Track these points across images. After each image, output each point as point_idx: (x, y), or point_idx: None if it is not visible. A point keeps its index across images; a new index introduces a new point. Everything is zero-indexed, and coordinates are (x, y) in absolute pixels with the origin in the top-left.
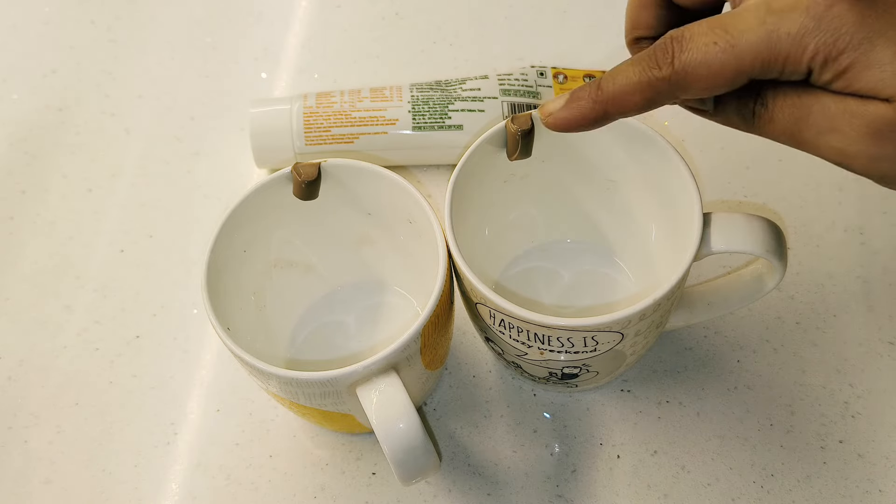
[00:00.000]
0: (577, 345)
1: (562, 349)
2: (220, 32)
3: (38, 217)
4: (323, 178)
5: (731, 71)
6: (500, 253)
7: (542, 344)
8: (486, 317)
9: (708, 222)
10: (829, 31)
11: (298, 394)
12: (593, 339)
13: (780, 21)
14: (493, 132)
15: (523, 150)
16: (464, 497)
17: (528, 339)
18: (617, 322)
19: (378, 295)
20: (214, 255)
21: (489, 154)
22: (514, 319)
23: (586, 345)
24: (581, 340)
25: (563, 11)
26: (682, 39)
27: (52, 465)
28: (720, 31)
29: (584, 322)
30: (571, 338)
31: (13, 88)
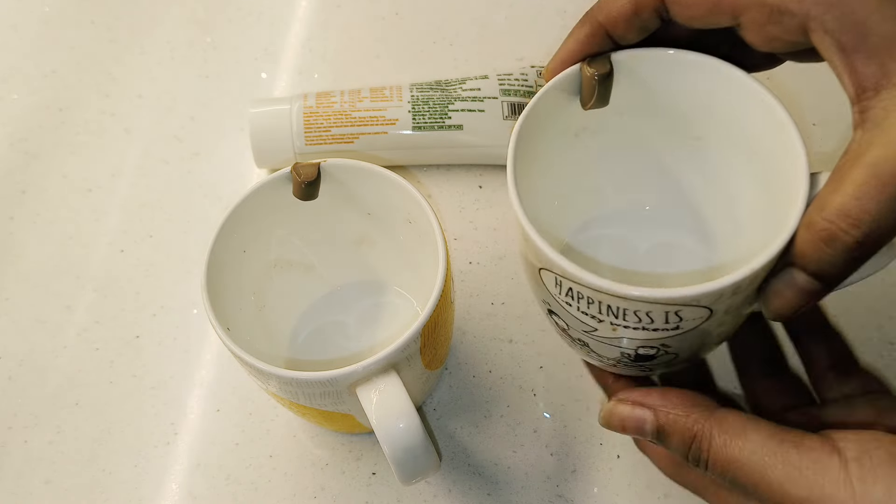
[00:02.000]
0: (656, 321)
1: (639, 325)
2: (220, 32)
3: (38, 217)
4: (323, 178)
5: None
6: (567, 216)
7: (616, 318)
8: (551, 285)
9: (815, 184)
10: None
11: (298, 394)
12: (676, 314)
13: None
14: (565, 76)
15: (600, 98)
16: (464, 497)
17: (599, 311)
18: (707, 295)
19: (378, 295)
20: (214, 255)
21: (559, 102)
22: (584, 288)
23: (668, 321)
24: (662, 315)
25: (563, 11)
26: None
27: (52, 465)
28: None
29: (667, 294)
30: (651, 312)
31: (13, 88)
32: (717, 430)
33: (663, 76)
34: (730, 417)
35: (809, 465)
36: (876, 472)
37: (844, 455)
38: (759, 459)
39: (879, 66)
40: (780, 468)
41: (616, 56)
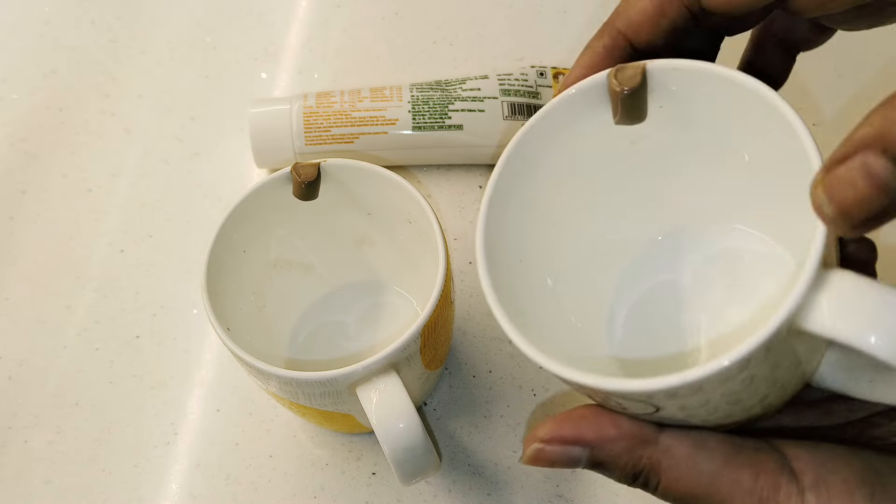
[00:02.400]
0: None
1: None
2: (220, 32)
3: (38, 217)
4: (323, 179)
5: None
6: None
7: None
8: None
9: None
10: None
11: (298, 394)
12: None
13: None
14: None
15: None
16: (464, 497)
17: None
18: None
19: (378, 295)
20: (214, 255)
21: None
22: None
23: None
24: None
25: (563, 11)
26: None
27: (52, 465)
28: None
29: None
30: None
31: (13, 88)
32: (666, 464)
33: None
34: (676, 447)
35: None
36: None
37: (801, 483)
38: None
39: None
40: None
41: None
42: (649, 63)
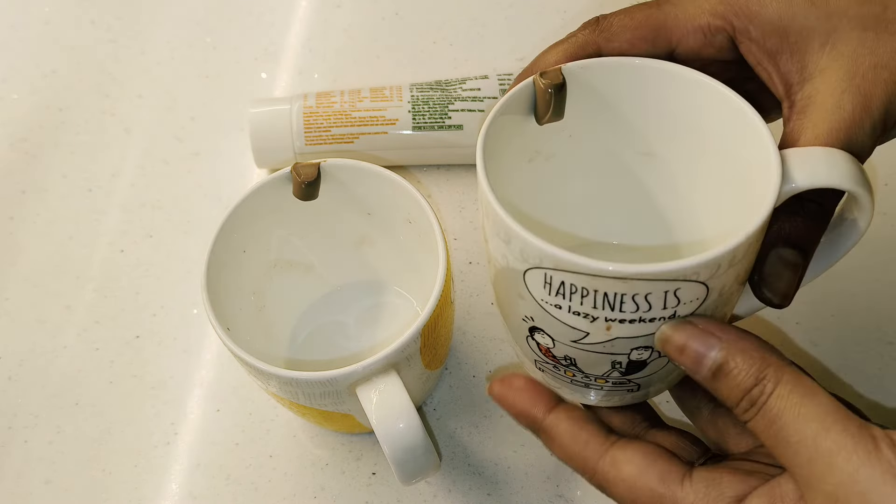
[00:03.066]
0: (654, 305)
1: (636, 315)
2: (220, 32)
3: (38, 217)
4: (323, 179)
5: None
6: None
7: (613, 310)
8: (539, 287)
9: (784, 159)
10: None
11: (298, 394)
12: (675, 294)
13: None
14: (518, 93)
15: (556, 110)
16: (464, 497)
17: (594, 305)
18: (706, 266)
19: (378, 295)
20: (214, 255)
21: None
22: (580, 277)
23: (666, 305)
24: (661, 298)
25: (563, 11)
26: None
27: (52, 465)
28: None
29: (668, 267)
30: (650, 294)
31: (13, 88)
32: (788, 378)
33: (616, 84)
34: (803, 376)
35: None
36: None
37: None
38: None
39: (799, 62)
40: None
41: (566, 67)
42: (565, 65)
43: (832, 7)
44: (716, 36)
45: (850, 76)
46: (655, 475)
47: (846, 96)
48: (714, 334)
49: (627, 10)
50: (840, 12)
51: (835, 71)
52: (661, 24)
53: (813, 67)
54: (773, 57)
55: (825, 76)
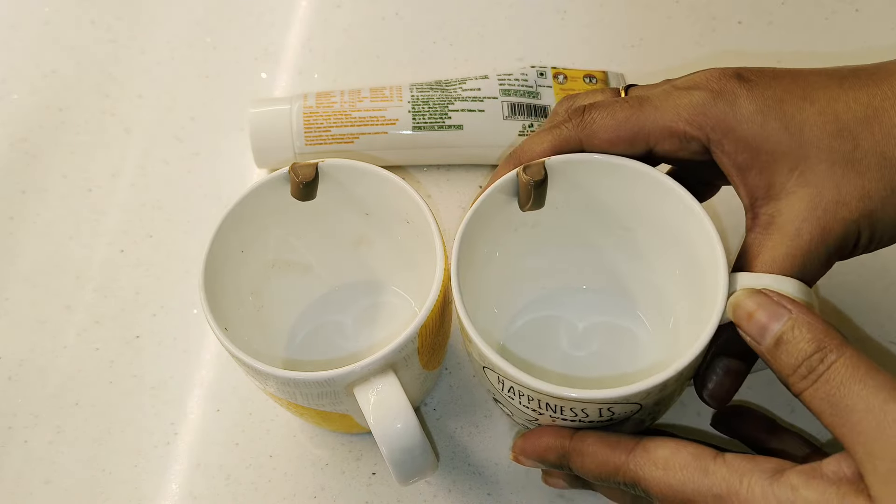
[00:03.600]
0: (591, 415)
1: (575, 419)
2: (220, 32)
3: (38, 217)
4: (320, 179)
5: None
6: (510, 302)
7: (554, 412)
8: (495, 381)
9: (733, 282)
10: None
11: (296, 394)
12: (609, 409)
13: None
14: (505, 181)
15: (536, 201)
16: (464, 497)
17: (538, 406)
18: (636, 395)
19: (376, 295)
20: (212, 255)
21: (499, 203)
22: (523, 388)
23: (601, 415)
24: (596, 412)
25: (563, 11)
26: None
27: (52, 465)
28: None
29: (600, 395)
30: (586, 409)
31: (13, 88)
32: (851, 353)
33: (591, 177)
34: (863, 355)
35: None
36: None
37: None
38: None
39: (767, 180)
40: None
41: (549, 162)
42: (547, 160)
43: (806, 136)
44: (690, 143)
45: (812, 206)
46: (688, 453)
47: (806, 225)
48: (784, 306)
49: (610, 107)
50: (813, 142)
51: (800, 198)
52: (640, 127)
53: (779, 188)
54: (743, 171)
55: (790, 200)
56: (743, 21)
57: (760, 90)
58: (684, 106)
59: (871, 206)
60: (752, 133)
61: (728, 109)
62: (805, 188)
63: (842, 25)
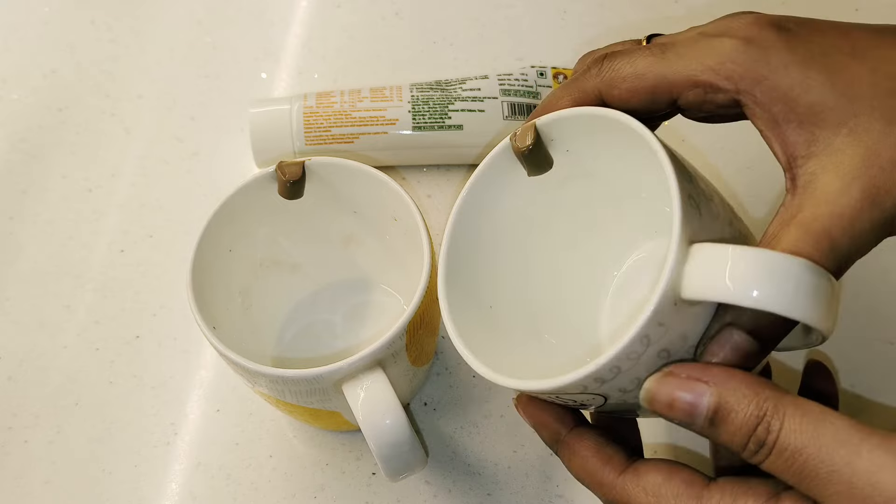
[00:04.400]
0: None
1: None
2: (220, 32)
3: (38, 217)
4: (308, 177)
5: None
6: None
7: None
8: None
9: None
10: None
11: (285, 392)
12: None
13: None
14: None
15: (538, 165)
16: (464, 497)
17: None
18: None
19: (364, 293)
20: (199, 254)
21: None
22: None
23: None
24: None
25: (563, 11)
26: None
27: (52, 465)
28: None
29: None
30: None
31: (13, 88)
32: (792, 411)
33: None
34: (806, 401)
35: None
36: None
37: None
38: (840, 449)
39: (808, 135)
40: (865, 458)
41: (540, 122)
42: (537, 120)
43: (856, 91)
44: (718, 94)
45: (865, 165)
46: (681, 480)
47: (856, 183)
48: (700, 379)
49: (630, 55)
50: (865, 98)
51: (849, 156)
52: (663, 77)
53: (824, 144)
54: (779, 125)
55: (837, 157)
56: None
57: (801, 41)
58: (711, 54)
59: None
60: (791, 83)
61: (761, 58)
62: (857, 146)
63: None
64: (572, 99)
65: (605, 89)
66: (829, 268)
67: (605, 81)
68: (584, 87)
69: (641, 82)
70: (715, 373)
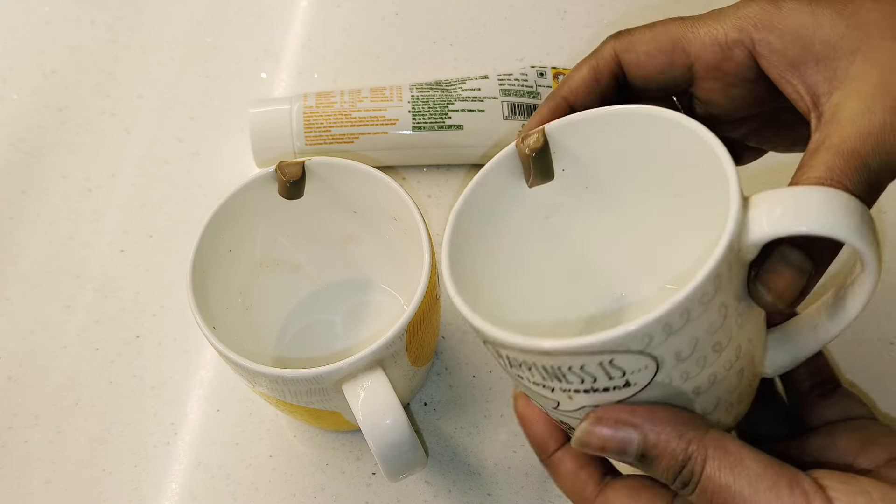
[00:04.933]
0: (598, 377)
1: (583, 385)
2: (220, 32)
3: (38, 217)
4: (308, 177)
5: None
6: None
7: (560, 381)
8: (498, 360)
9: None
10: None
11: (285, 392)
12: (613, 365)
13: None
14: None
15: (541, 173)
16: (464, 497)
17: (543, 377)
18: (631, 337)
19: (364, 293)
20: (199, 254)
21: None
22: (514, 351)
23: (611, 377)
24: (599, 368)
25: (563, 11)
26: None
27: (52, 465)
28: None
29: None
30: (585, 366)
31: (13, 88)
32: (713, 453)
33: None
34: (726, 442)
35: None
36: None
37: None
38: (753, 492)
39: (828, 71)
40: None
41: (549, 127)
42: (547, 126)
43: (862, 18)
44: (734, 50)
45: (883, 82)
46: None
47: (878, 101)
48: (627, 422)
49: (649, 23)
50: (872, 23)
51: (866, 79)
52: (680, 36)
53: (843, 76)
54: (798, 67)
55: (856, 84)
56: None
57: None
58: (726, 14)
59: None
60: (802, 23)
61: (771, 7)
62: (871, 68)
63: None
64: (591, 67)
65: (623, 52)
66: (864, 187)
67: (623, 45)
68: (603, 54)
69: (659, 43)
70: (641, 415)
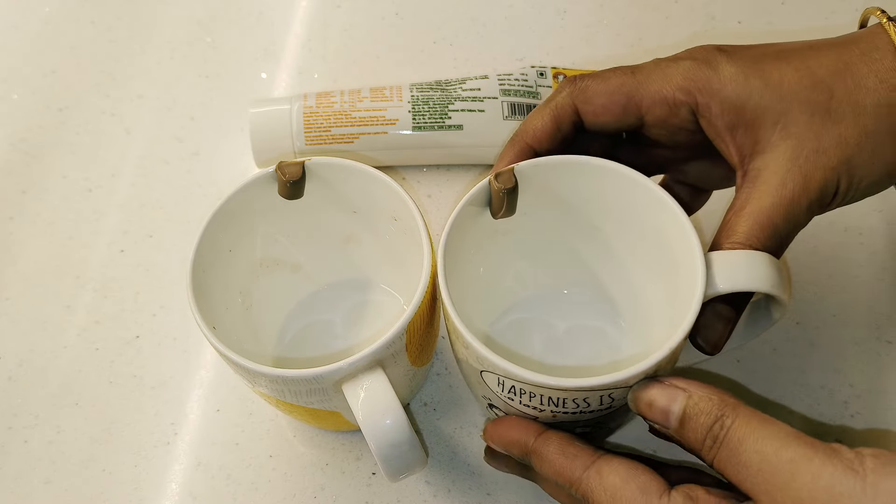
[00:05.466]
0: (592, 404)
1: (577, 410)
2: (220, 32)
3: (38, 217)
4: (308, 177)
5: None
6: (490, 306)
7: (557, 406)
8: (494, 385)
9: (709, 263)
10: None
11: (285, 392)
12: (609, 396)
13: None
14: (476, 191)
15: (508, 208)
16: (464, 497)
17: (540, 403)
18: (633, 376)
19: (364, 293)
20: (199, 254)
21: (474, 213)
22: (526, 385)
23: (602, 403)
24: (597, 399)
25: (563, 11)
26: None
27: (52, 465)
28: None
29: (602, 381)
30: (588, 398)
31: (13, 88)
32: (745, 413)
33: (560, 178)
34: (761, 413)
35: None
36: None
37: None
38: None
39: (753, 137)
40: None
41: (519, 167)
42: (517, 166)
43: (785, 90)
44: (680, 108)
45: (795, 157)
46: (637, 486)
47: (790, 176)
48: (678, 387)
49: (604, 74)
50: (792, 95)
51: (783, 150)
52: (633, 93)
53: (765, 142)
54: (731, 130)
55: (774, 153)
56: (742, 21)
57: (739, 55)
58: (673, 74)
59: (849, 153)
60: (736, 92)
61: (712, 74)
62: (788, 140)
63: (841, 26)
64: (552, 116)
65: (581, 105)
66: (776, 246)
67: (581, 98)
68: (561, 104)
69: (614, 97)
70: (692, 383)
